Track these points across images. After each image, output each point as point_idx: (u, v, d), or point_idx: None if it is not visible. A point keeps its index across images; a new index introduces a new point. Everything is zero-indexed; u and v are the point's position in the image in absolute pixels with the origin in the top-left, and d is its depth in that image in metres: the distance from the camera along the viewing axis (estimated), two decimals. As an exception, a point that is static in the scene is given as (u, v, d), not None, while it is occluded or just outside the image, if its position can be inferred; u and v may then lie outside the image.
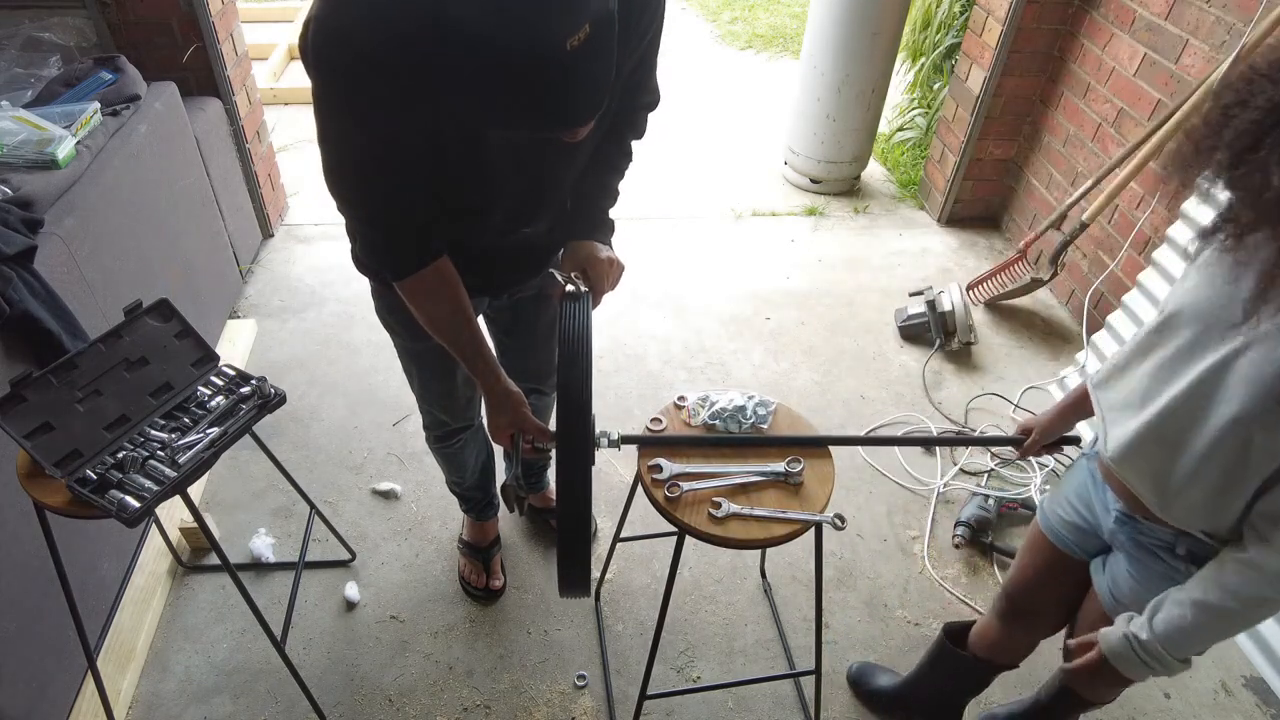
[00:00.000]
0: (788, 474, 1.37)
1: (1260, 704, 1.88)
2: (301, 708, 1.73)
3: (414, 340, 1.50)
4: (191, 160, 2.46)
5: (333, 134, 1.07)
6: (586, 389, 1.12)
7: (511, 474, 1.91)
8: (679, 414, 1.50)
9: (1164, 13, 2.48)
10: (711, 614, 2.00)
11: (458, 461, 1.82)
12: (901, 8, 3.29)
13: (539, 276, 1.50)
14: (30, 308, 1.53)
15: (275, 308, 2.85)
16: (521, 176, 1.21)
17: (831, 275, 3.21)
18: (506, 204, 1.25)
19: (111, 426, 1.36)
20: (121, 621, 1.81)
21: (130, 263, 2.00)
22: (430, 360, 1.54)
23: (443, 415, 1.68)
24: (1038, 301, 3.10)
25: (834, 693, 1.85)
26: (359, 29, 0.94)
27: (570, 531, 1.17)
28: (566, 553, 1.19)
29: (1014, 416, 2.59)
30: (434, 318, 1.26)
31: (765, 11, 6.12)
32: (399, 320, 1.45)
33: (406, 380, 1.65)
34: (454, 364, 1.55)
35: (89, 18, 2.47)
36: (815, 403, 2.60)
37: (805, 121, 3.59)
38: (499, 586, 2.00)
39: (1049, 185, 3.15)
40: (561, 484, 1.14)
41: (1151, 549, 1.16)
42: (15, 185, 1.72)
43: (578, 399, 1.12)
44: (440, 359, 1.53)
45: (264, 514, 2.15)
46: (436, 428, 1.73)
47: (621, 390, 2.60)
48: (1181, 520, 1.08)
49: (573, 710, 1.79)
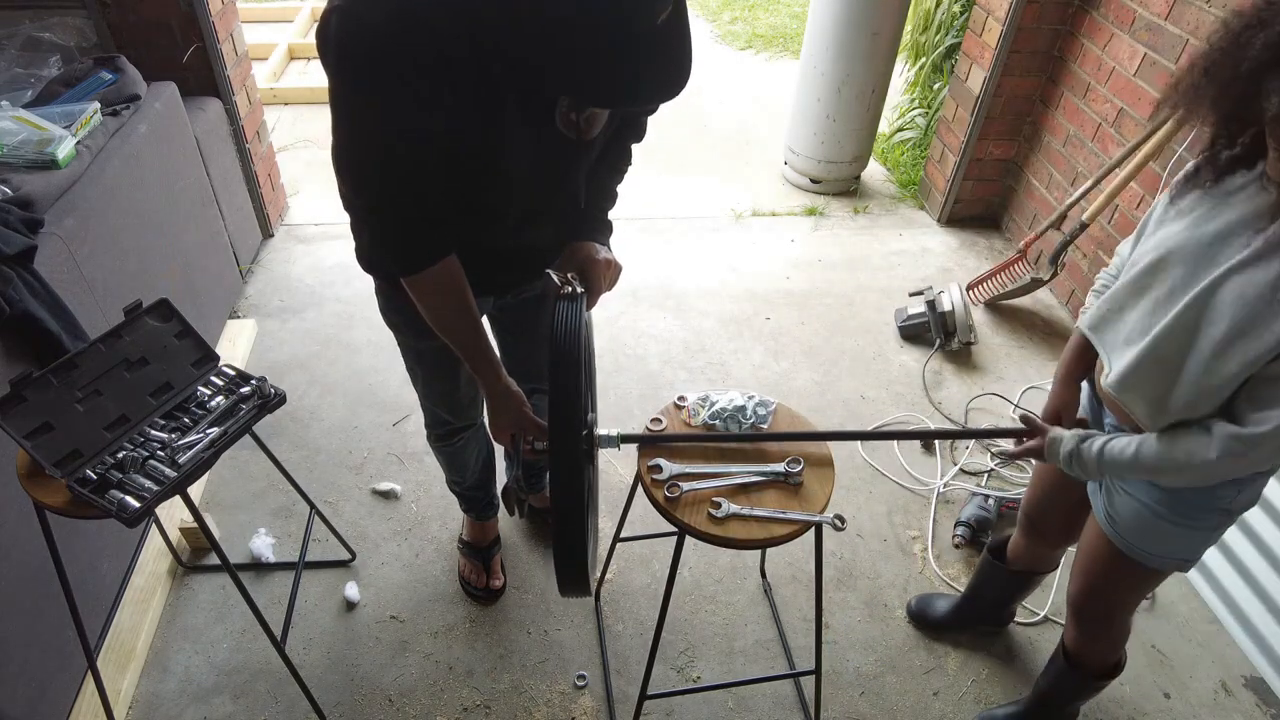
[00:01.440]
0: (787, 474, 1.37)
1: (1260, 704, 1.88)
2: (301, 708, 1.73)
3: (418, 339, 1.50)
4: (191, 160, 2.46)
5: (353, 122, 1.07)
6: (577, 388, 1.12)
7: (512, 475, 1.90)
8: (679, 414, 1.50)
9: (1164, 13, 2.48)
10: (711, 614, 2.00)
11: (459, 461, 1.82)
12: (901, 8, 3.29)
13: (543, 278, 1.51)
14: (30, 308, 1.53)
15: (275, 308, 2.84)
16: (537, 176, 1.21)
17: (831, 275, 3.21)
18: (522, 203, 1.25)
19: (111, 426, 1.36)
20: (121, 621, 1.81)
21: (130, 263, 2.00)
22: (434, 359, 1.54)
23: (445, 414, 1.69)
24: (1038, 301, 3.10)
25: (834, 693, 1.85)
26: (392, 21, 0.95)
27: (565, 530, 1.16)
28: (563, 551, 1.18)
29: (1014, 416, 2.59)
30: (440, 315, 1.26)
31: (765, 11, 6.12)
32: (404, 319, 1.45)
33: (410, 379, 1.65)
34: (458, 363, 1.55)
35: (89, 18, 2.47)
36: (815, 403, 2.60)
37: (805, 121, 3.59)
38: (499, 586, 2.00)
39: (1049, 185, 3.15)
40: (554, 483, 1.13)
41: None
42: (15, 185, 1.72)
43: (568, 398, 1.11)
44: (444, 358, 1.53)
45: (264, 514, 2.15)
46: (438, 426, 1.73)
47: (621, 390, 2.60)
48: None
49: (573, 710, 1.79)
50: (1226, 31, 1.00)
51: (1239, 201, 1.07)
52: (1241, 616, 1.98)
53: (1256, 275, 1.02)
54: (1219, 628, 2.03)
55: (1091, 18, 2.85)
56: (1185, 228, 1.12)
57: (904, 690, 1.86)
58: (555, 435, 1.12)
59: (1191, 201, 1.13)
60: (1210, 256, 1.08)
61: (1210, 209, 1.10)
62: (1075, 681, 1.60)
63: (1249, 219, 1.05)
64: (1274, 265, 1.01)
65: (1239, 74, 0.97)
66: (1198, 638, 2.01)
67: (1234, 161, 1.08)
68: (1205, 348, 1.07)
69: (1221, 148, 1.10)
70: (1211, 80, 1.02)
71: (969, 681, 1.89)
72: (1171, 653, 1.97)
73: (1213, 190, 1.10)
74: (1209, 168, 1.11)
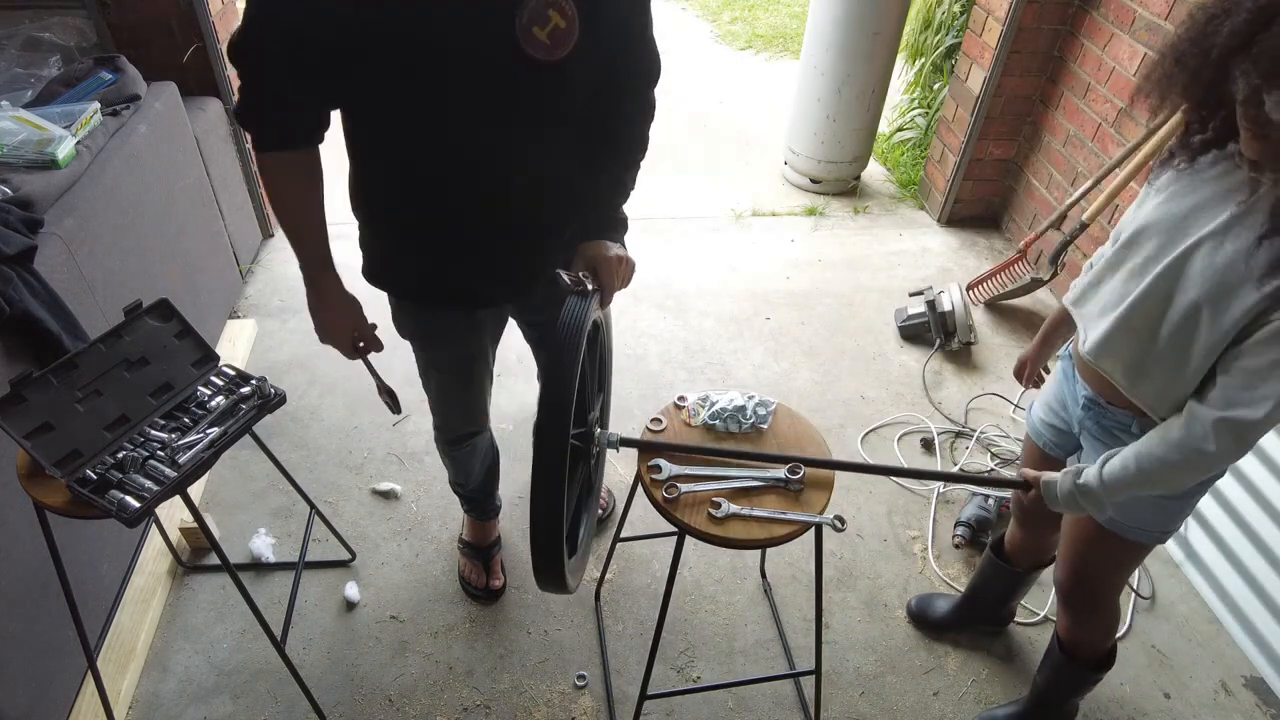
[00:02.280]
0: (788, 480, 1.37)
1: (1260, 704, 1.88)
2: (301, 708, 1.73)
3: (434, 349, 1.55)
4: (191, 160, 2.46)
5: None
6: (570, 384, 1.11)
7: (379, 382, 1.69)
8: (679, 414, 1.49)
9: (1164, 13, 2.48)
10: (711, 614, 2.00)
11: (465, 466, 1.83)
12: (901, 8, 3.29)
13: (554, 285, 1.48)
14: (30, 308, 1.53)
15: (275, 308, 2.84)
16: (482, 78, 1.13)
17: (831, 275, 3.21)
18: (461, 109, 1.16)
19: (111, 426, 1.36)
20: (121, 621, 1.81)
21: (130, 263, 2.00)
22: (449, 367, 1.57)
23: (455, 420, 1.70)
24: (1038, 301, 3.10)
25: (834, 693, 1.85)
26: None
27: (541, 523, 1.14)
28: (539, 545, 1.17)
29: (1014, 416, 2.59)
30: (280, 204, 1.26)
31: (765, 11, 6.12)
32: (417, 330, 1.51)
33: (422, 384, 1.66)
34: (471, 373, 1.59)
35: (89, 18, 2.47)
36: (815, 403, 2.60)
37: (805, 121, 3.59)
38: (499, 586, 1.99)
39: (1049, 185, 3.15)
40: (535, 476, 1.12)
41: (1112, 430, 1.32)
42: (15, 185, 1.72)
43: (559, 392, 1.11)
44: (459, 367, 1.57)
45: (264, 514, 2.15)
46: (449, 432, 1.74)
47: (621, 390, 2.60)
48: (1148, 400, 1.21)
49: (573, 710, 1.79)
50: (1193, 22, 1.05)
51: (1212, 179, 1.13)
52: (1241, 616, 1.98)
53: (1226, 245, 1.07)
54: (1219, 628, 2.03)
55: (1091, 18, 2.85)
56: (1161, 204, 1.18)
57: (904, 690, 1.86)
58: (541, 432, 1.12)
59: (1167, 180, 1.19)
60: (1184, 229, 1.13)
61: (1185, 186, 1.16)
62: (1072, 673, 1.61)
63: (1221, 194, 1.11)
64: (1244, 236, 1.05)
65: (1208, 61, 1.02)
66: (1198, 638, 2.01)
67: (1206, 144, 1.14)
68: (1176, 315, 1.13)
69: (1195, 132, 1.16)
70: (1182, 68, 1.07)
71: (969, 681, 1.89)
72: (1171, 653, 1.97)
73: (1187, 170, 1.16)
74: (1183, 151, 1.17)
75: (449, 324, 1.51)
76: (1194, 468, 1.13)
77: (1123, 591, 1.54)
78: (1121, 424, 1.30)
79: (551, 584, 1.24)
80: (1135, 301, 1.18)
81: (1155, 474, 1.16)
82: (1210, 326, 1.09)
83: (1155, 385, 1.19)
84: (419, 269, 1.41)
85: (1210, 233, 1.09)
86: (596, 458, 1.54)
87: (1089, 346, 1.26)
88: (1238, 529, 1.96)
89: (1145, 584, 2.11)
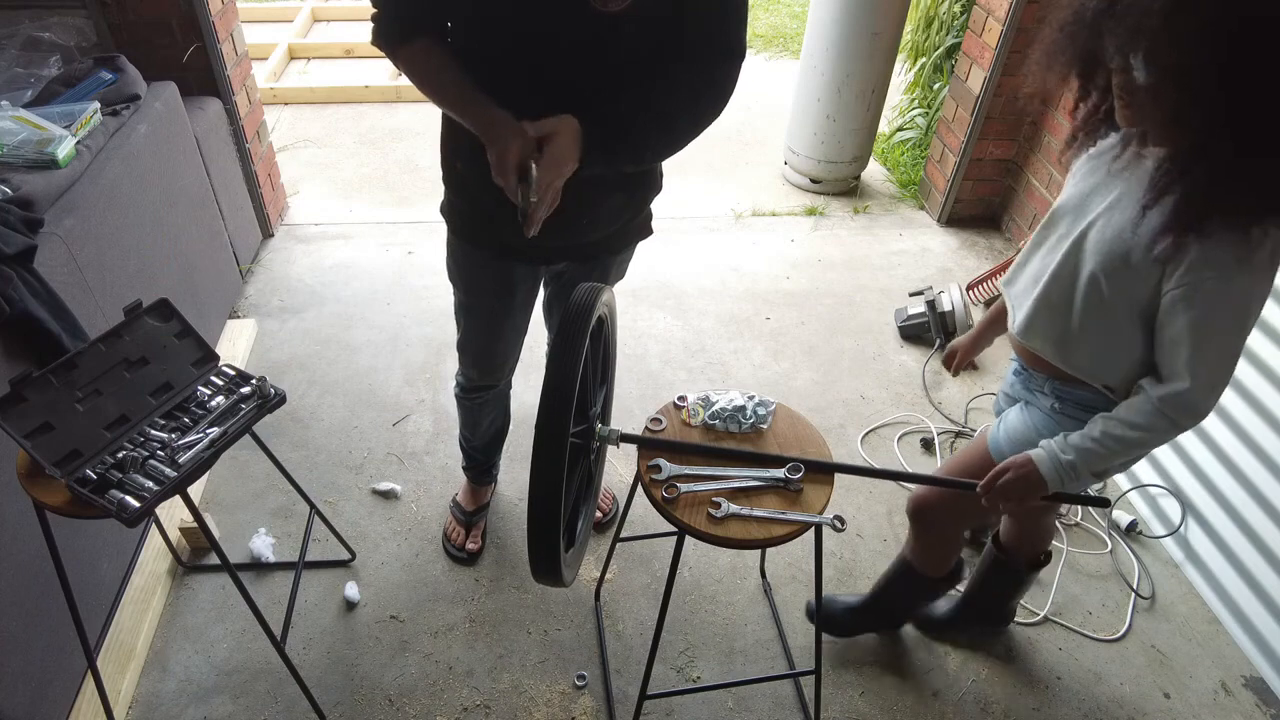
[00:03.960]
0: (788, 480, 1.37)
1: (1260, 704, 1.88)
2: (301, 708, 1.73)
3: (466, 295, 1.63)
4: (191, 160, 2.46)
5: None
6: (573, 373, 1.12)
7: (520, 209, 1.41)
8: (679, 414, 1.50)
9: (1164, 13, 2.48)
10: (711, 614, 2.00)
11: (474, 417, 1.93)
12: (901, 8, 3.29)
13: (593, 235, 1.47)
14: (30, 308, 1.53)
15: (275, 308, 2.85)
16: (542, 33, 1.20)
17: (831, 275, 3.21)
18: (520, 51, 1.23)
19: (111, 426, 1.36)
20: (121, 621, 1.81)
21: (130, 263, 2.00)
22: (480, 314, 1.65)
23: (473, 370, 1.79)
24: (1038, 301, 3.10)
25: (834, 693, 1.85)
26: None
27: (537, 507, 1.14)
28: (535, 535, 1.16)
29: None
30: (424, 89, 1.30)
31: (765, 11, 6.12)
32: (457, 270, 1.60)
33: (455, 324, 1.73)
34: (500, 326, 1.66)
35: (89, 18, 2.47)
36: (815, 403, 2.60)
37: (805, 121, 3.59)
38: (475, 549, 2.06)
39: (1049, 185, 3.15)
40: (535, 463, 1.12)
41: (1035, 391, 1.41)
42: (15, 185, 1.72)
43: (562, 382, 1.11)
44: (490, 318, 1.65)
45: (264, 514, 2.15)
46: (466, 379, 1.84)
47: (622, 390, 2.60)
48: (1083, 370, 1.28)
49: (573, 710, 1.79)
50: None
51: (1110, 158, 1.21)
52: (1241, 616, 1.98)
53: (1115, 217, 1.16)
54: (1219, 628, 2.03)
55: (1091, 18, 2.84)
56: (1072, 186, 1.28)
57: (904, 690, 1.86)
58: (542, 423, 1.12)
59: (1079, 164, 1.29)
60: (1085, 207, 1.23)
61: (1091, 168, 1.25)
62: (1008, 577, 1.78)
63: (1116, 172, 1.19)
64: (1129, 208, 1.14)
65: (1084, 24, 1.06)
66: (1198, 638, 2.01)
67: (1099, 123, 1.22)
68: (1081, 287, 1.21)
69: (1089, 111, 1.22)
70: (1066, 36, 1.11)
71: (969, 681, 1.89)
72: (1171, 653, 1.97)
73: (1092, 152, 1.25)
74: (1082, 131, 1.25)
75: (485, 272, 1.58)
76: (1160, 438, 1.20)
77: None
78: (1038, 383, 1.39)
79: (546, 574, 1.23)
80: (1049, 280, 1.26)
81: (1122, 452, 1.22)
82: (1115, 294, 1.17)
83: (1087, 355, 1.26)
84: (466, 208, 1.49)
85: (1105, 208, 1.18)
86: (597, 453, 1.54)
87: (1017, 326, 1.33)
88: (1238, 529, 1.96)
89: (1145, 584, 2.11)
